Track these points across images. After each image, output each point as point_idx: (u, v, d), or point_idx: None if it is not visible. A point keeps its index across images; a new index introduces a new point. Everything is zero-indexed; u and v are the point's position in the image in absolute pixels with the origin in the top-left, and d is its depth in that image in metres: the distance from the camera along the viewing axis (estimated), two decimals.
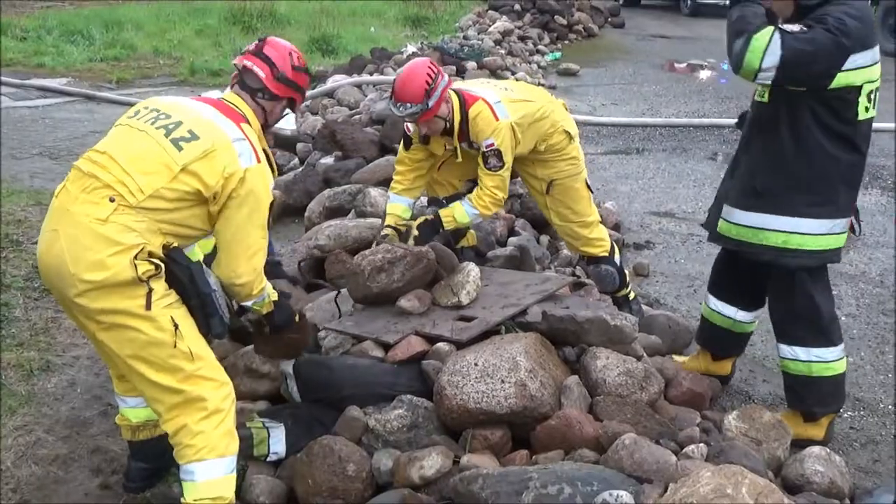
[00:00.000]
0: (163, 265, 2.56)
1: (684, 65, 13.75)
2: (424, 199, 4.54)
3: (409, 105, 3.74)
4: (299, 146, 7.22)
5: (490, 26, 15.01)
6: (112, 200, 2.53)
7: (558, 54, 14.29)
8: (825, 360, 3.45)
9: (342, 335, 3.64)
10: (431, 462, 2.85)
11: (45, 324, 4.51)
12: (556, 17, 16.78)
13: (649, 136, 9.09)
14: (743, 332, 3.94)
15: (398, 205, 4.17)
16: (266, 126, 2.99)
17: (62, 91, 10.76)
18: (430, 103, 3.74)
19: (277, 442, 3.13)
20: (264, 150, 2.83)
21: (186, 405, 2.63)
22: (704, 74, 12.93)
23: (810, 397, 3.52)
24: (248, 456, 3.08)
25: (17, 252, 5.22)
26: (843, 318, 4.78)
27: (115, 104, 10.02)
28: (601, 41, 16.64)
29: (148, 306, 2.51)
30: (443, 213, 4.02)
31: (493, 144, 3.83)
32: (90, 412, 3.75)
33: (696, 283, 5.34)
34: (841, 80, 3.14)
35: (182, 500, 2.69)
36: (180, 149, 2.61)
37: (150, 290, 2.52)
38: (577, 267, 5.03)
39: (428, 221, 4.02)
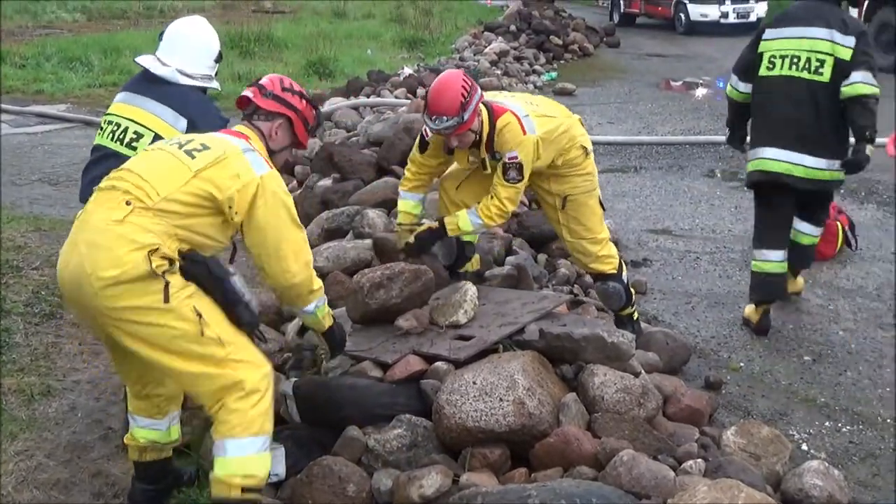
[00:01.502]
0: (177, 262, 2.62)
1: (680, 83, 13.86)
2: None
3: (444, 118, 3.66)
4: (297, 169, 7.26)
5: (486, 47, 15.14)
6: (128, 203, 2.63)
7: (554, 74, 14.38)
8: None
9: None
10: (431, 481, 2.85)
11: (46, 349, 4.52)
12: (551, 37, 16.93)
13: (646, 155, 9.13)
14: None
15: (409, 201, 4.17)
16: (270, 151, 3.04)
17: (61, 117, 10.81)
18: (466, 116, 3.67)
19: (277, 463, 3.12)
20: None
21: (225, 390, 2.66)
22: (700, 92, 13.02)
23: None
24: None
25: (18, 278, 5.25)
26: (840, 333, 4.84)
27: None
28: (597, 60, 16.74)
29: (166, 299, 2.56)
30: (447, 220, 3.98)
31: (516, 157, 3.78)
32: (91, 436, 3.76)
33: (694, 299, 5.36)
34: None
35: (212, 474, 2.72)
36: (193, 157, 2.75)
37: (167, 283, 2.57)
38: (575, 285, 5.06)
39: (430, 229, 3.98)
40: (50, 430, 3.81)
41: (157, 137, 3.49)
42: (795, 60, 4.57)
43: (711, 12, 20.26)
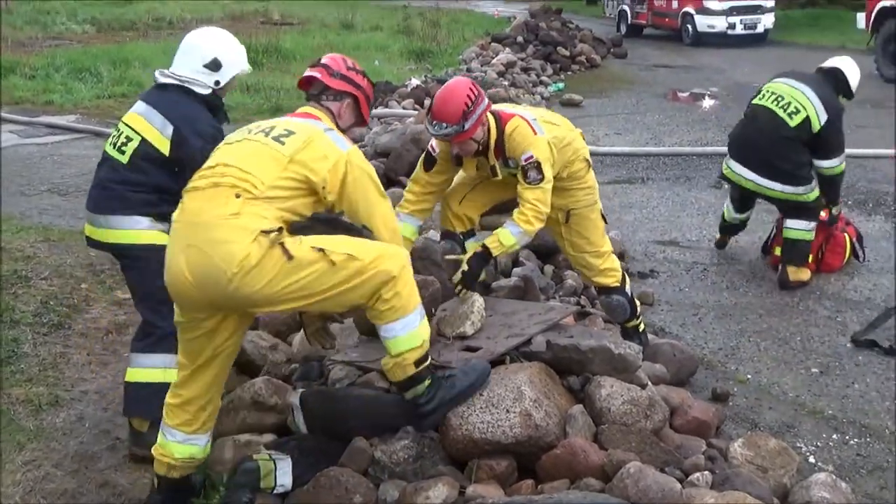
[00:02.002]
0: (285, 228, 2.77)
1: (687, 94, 13.87)
2: (432, 233, 4.52)
3: (444, 125, 3.65)
4: None
5: (493, 58, 15.19)
6: (238, 196, 2.74)
7: (561, 85, 14.42)
8: None
9: (348, 366, 3.67)
10: (437, 493, 2.86)
11: (54, 359, 4.54)
12: (558, 48, 16.97)
13: (653, 166, 9.14)
14: None
15: (408, 226, 4.03)
16: (339, 129, 3.15)
17: (70, 128, 10.85)
18: (467, 125, 3.65)
19: (284, 474, 3.14)
20: None
21: (378, 286, 2.82)
22: (707, 103, 13.02)
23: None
24: (254, 488, 3.08)
25: (27, 288, 5.27)
26: (847, 345, 4.83)
27: None
28: (604, 71, 16.78)
29: (289, 257, 2.68)
30: (488, 241, 3.85)
31: (531, 157, 3.74)
32: (98, 447, 3.77)
33: (702, 311, 5.36)
34: None
35: (384, 360, 2.98)
36: (283, 143, 2.88)
37: (282, 244, 2.69)
38: (582, 297, 5.06)
39: (476, 254, 3.83)
40: (57, 441, 3.82)
41: (143, 142, 3.54)
42: (780, 99, 5.54)
43: (718, 23, 20.30)
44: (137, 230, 3.57)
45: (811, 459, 3.73)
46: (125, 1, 28.71)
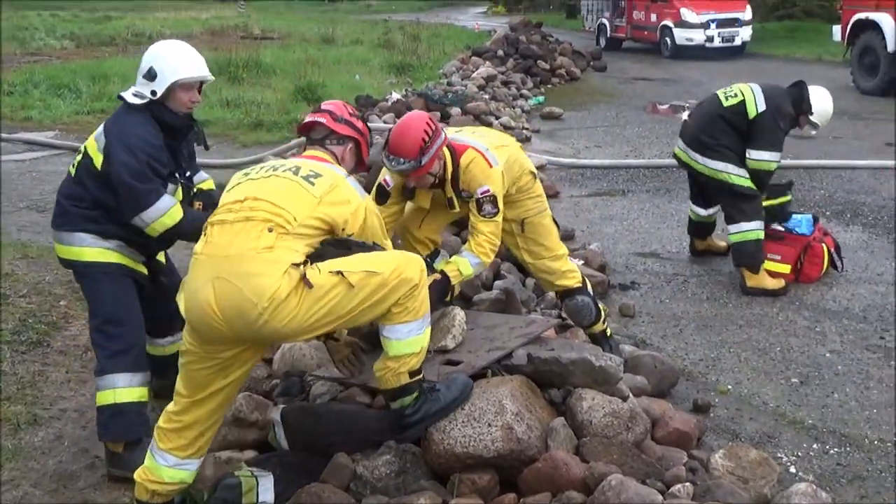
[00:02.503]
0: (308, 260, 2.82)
1: (666, 106, 13.97)
2: None
3: (401, 160, 3.63)
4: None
5: (474, 72, 15.24)
6: (271, 231, 2.78)
7: (542, 98, 14.50)
8: None
9: (329, 382, 3.66)
10: None
11: (32, 377, 4.50)
12: (538, 61, 17.07)
13: (633, 178, 9.19)
14: None
15: None
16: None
17: (49, 144, 10.80)
18: (424, 161, 3.63)
19: (266, 491, 3.12)
20: None
21: (402, 296, 2.88)
22: (686, 115, 13.09)
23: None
24: None
25: (5, 306, 5.23)
26: (826, 355, 4.87)
27: None
28: (584, 84, 16.89)
29: (309, 286, 2.71)
30: (447, 269, 3.87)
31: (488, 191, 3.78)
32: (77, 465, 3.73)
33: (682, 322, 5.39)
34: None
35: (381, 361, 3.01)
36: (313, 184, 2.92)
37: (304, 275, 2.71)
38: (563, 310, 5.08)
39: (435, 282, 3.79)
40: (36, 460, 3.78)
41: (85, 155, 3.55)
42: (728, 89, 5.91)
43: (697, 37, 20.52)
44: (80, 247, 3.56)
45: (792, 469, 3.74)
46: (104, 17, 28.67)
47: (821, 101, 5.77)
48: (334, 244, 2.91)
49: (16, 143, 10.86)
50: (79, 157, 3.60)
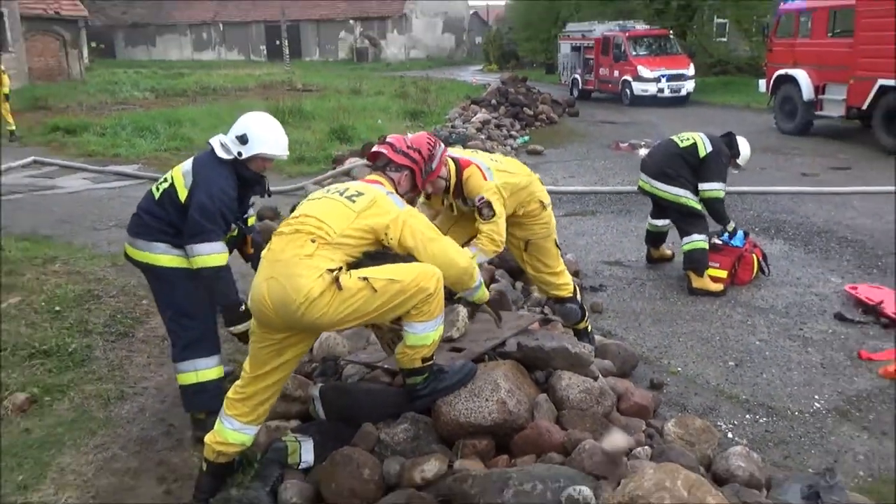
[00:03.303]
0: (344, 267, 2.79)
1: (627, 144, 13.96)
2: None
3: None
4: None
5: (472, 117, 15.26)
6: (313, 241, 2.79)
7: (527, 138, 14.48)
8: None
9: (359, 366, 3.66)
10: (430, 466, 2.85)
11: (120, 361, 4.51)
12: (524, 108, 17.08)
13: (600, 201, 9.18)
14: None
15: None
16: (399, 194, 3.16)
17: (134, 175, 10.85)
18: (433, 165, 3.57)
19: (307, 452, 3.12)
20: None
21: (420, 301, 2.84)
22: (642, 151, 13.10)
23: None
24: (283, 464, 3.07)
25: (98, 304, 5.24)
26: (756, 343, 4.85)
27: None
28: (560, 127, 16.89)
29: (339, 287, 2.71)
30: None
31: (483, 198, 3.76)
32: (156, 432, 3.74)
33: (641, 317, 5.37)
34: None
35: (399, 346, 2.99)
36: (354, 202, 2.92)
37: (337, 278, 2.71)
38: (545, 307, 5.07)
39: None
40: (122, 427, 3.79)
41: (171, 186, 3.51)
42: (681, 135, 6.08)
43: (650, 88, 20.53)
44: (156, 254, 3.53)
45: (729, 435, 3.74)
46: (178, 74, 28.80)
47: (744, 148, 6.04)
48: (371, 256, 2.88)
49: (107, 174, 10.91)
50: (164, 185, 3.54)
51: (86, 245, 7.01)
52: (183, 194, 3.46)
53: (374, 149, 3.29)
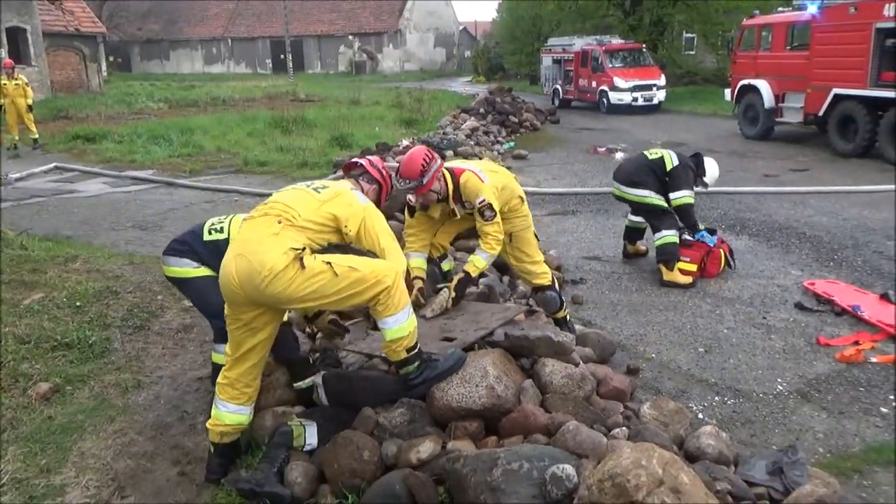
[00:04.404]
0: (308, 248, 2.79)
1: (604, 148, 13.95)
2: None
3: (407, 180, 3.68)
4: None
5: (462, 124, 15.20)
6: (280, 222, 2.81)
7: (512, 143, 14.47)
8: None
9: (358, 354, 3.64)
10: (425, 448, 2.84)
11: (137, 352, 4.46)
12: (510, 116, 17.05)
13: (580, 202, 9.17)
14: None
15: (419, 260, 4.01)
16: None
17: (149, 179, 10.77)
18: (424, 180, 3.66)
19: (311, 435, 3.11)
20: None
21: (377, 294, 2.83)
22: (618, 155, 13.11)
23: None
24: (289, 446, 3.05)
25: (116, 299, 5.19)
26: (724, 331, 4.85)
27: (189, 188, 10.05)
28: (543, 133, 16.87)
29: (302, 266, 2.72)
30: (468, 268, 3.86)
31: (484, 200, 3.76)
32: (171, 418, 3.71)
33: (618, 307, 5.37)
34: None
35: (382, 344, 3.00)
36: (319, 192, 2.98)
37: (301, 258, 2.72)
38: (530, 299, 5.05)
39: (461, 279, 3.84)
40: (139, 414, 3.75)
41: (225, 240, 3.47)
42: (650, 151, 6.10)
43: (625, 98, 20.53)
44: (182, 268, 3.58)
45: (700, 416, 3.74)
46: (190, 86, 28.60)
47: (711, 168, 6.09)
48: (337, 248, 2.91)
49: (124, 178, 10.83)
50: (219, 235, 3.52)
51: (104, 245, 6.95)
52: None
53: (355, 159, 3.36)
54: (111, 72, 36.75)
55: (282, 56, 43.01)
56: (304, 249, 2.75)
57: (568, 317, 4.53)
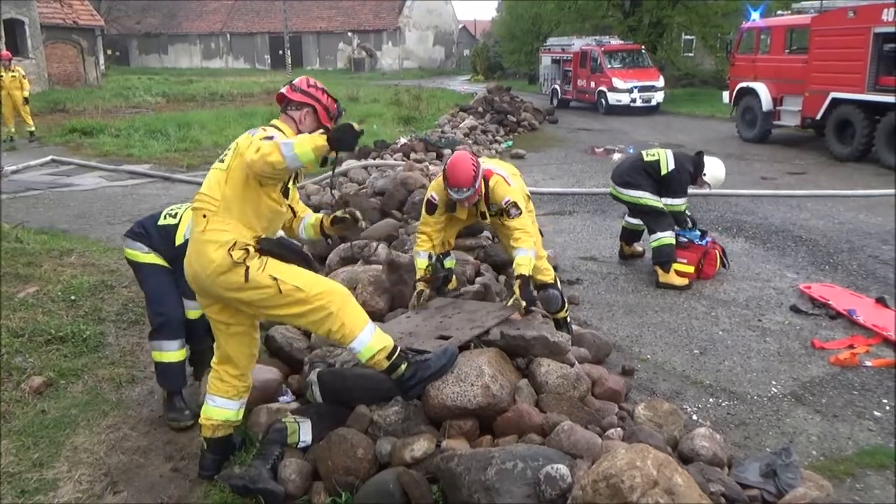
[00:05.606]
0: (252, 247, 2.71)
1: (601, 149, 13.97)
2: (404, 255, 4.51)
3: (465, 189, 3.70)
4: (321, 212, 7.23)
5: (461, 123, 15.19)
6: (204, 217, 2.75)
7: (510, 143, 14.46)
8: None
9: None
10: (420, 446, 2.83)
11: (132, 347, 4.45)
12: (508, 115, 17.04)
13: (577, 202, 9.17)
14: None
15: (424, 260, 4.02)
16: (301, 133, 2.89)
17: (146, 174, 10.75)
18: (477, 185, 3.74)
19: (306, 432, 3.09)
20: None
21: (323, 320, 2.78)
22: (616, 156, 13.13)
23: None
24: (283, 443, 3.04)
25: (111, 294, 5.18)
26: (719, 333, 4.85)
27: (186, 183, 10.02)
28: (541, 133, 16.87)
29: (247, 279, 2.68)
30: (518, 270, 3.79)
31: (510, 199, 3.82)
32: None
33: (614, 308, 5.37)
34: None
35: (362, 363, 2.96)
36: (223, 161, 2.85)
37: (247, 268, 2.68)
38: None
39: (521, 284, 3.75)
40: (133, 409, 3.74)
41: (175, 226, 3.63)
42: (648, 151, 6.05)
43: (623, 98, 20.55)
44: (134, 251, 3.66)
45: (694, 417, 3.73)
46: (188, 81, 28.50)
47: (715, 168, 6.07)
48: (272, 242, 2.80)
49: (121, 172, 10.79)
50: (171, 220, 3.61)
51: (100, 239, 6.93)
52: (179, 241, 3.54)
53: (281, 90, 3.03)
54: (109, 65, 36.61)
55: (280, 52, 42.92)
56: (244, 249, 2.67)
57: (568, 318, 4.52)
